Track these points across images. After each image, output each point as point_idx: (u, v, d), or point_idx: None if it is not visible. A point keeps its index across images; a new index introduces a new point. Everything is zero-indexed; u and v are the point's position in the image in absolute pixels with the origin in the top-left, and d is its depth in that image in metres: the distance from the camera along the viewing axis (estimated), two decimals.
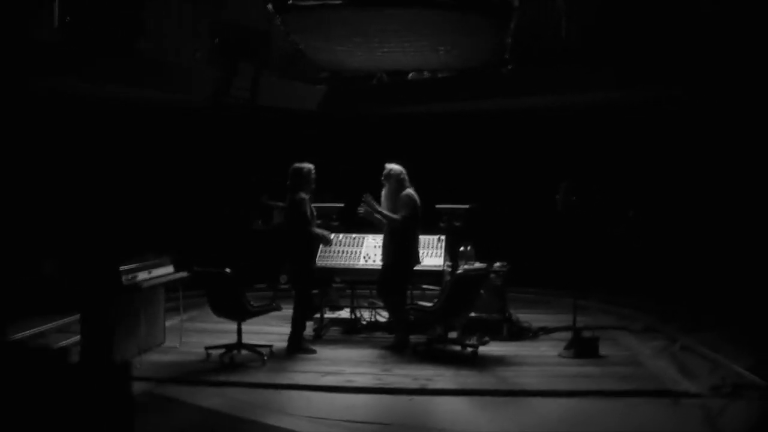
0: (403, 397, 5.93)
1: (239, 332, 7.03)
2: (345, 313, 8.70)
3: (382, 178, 7.58)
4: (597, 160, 10.73)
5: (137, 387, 5.87)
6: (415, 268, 7.59)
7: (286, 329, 7.42)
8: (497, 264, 8.18)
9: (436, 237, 8.26)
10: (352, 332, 8.30)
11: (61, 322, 7.76)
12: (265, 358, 6.88)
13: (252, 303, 7.14)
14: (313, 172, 7.39)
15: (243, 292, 6.94)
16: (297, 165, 7.34)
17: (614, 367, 6.68)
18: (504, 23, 7.72)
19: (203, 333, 7.98)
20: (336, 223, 8.65)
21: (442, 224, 8.33)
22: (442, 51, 8.77)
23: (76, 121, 9.93)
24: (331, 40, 8.32)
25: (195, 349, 7.24)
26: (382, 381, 6.26)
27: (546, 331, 8.18)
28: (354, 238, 8.38)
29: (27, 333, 7.32)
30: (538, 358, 7.08)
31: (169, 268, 7.40)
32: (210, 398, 5.80)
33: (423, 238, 8.12)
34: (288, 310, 7.48)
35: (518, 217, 10.76)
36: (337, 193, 8.75)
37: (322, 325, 8.35)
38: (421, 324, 7.51)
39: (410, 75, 11.54)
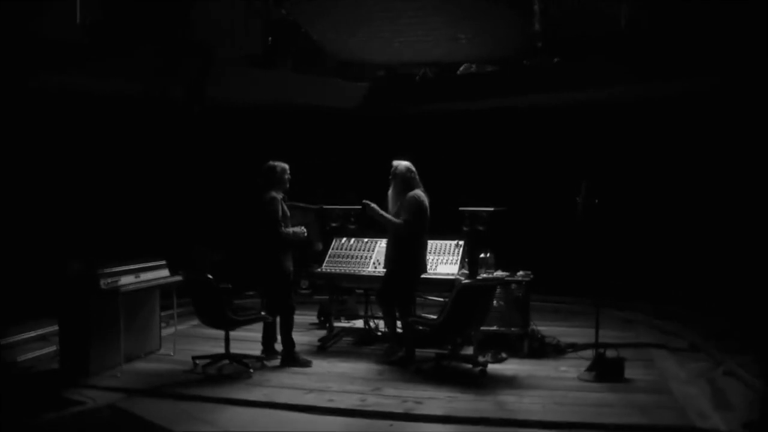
0: (384, 422, 5.31)
1: (227, 342, 6.58)
2: (361, 323, 8.15)
3: (389, 176, 6.95)
4: (623, 158, 9.93)
5: (105, 398, 5.60)
6: (426, 276, 6.97)
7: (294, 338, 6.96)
8: (520, 273, 7.41)
9: (453, 242, 7.59)
10: (363, 343, 7.74)
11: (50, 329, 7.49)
12: (251, 371, 6.38)
13: (236, 311, 6.66)
14: (288, 171, 6.93)
15: (226, 300, 6.44)
16: (271, 163, 6.90)
17: (637, 395, 5.83)
18: (525, 7, 6.93)
19: (207, 340, 7.53)
20: (353, 226, 8.13)
21: (465, 228, 7.65)
22: (464, 39, 8.05)
23: (91, 119, 9.73)
24: (339, 29, 7.74)
25: (189, 357, 6.81)
26: (366, 402, 5.65)
27: (575, 348, 7.35)
28: (365, 243, 7.82)
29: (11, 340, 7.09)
30: (553, 380, 6.30)
31: (163, 272, 7.02)
32: (169, 413, 5.36)
33: (439, 244, 7.53)
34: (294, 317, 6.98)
35: (540, 221, 9.92)
36: (370, 193, 8.17)
37: (331, 335, 7.82)
38: (425, 338, 6.83)
39: (460, 69, 10.90)
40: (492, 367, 6.67)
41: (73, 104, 9.23)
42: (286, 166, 6.96)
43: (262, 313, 6.72)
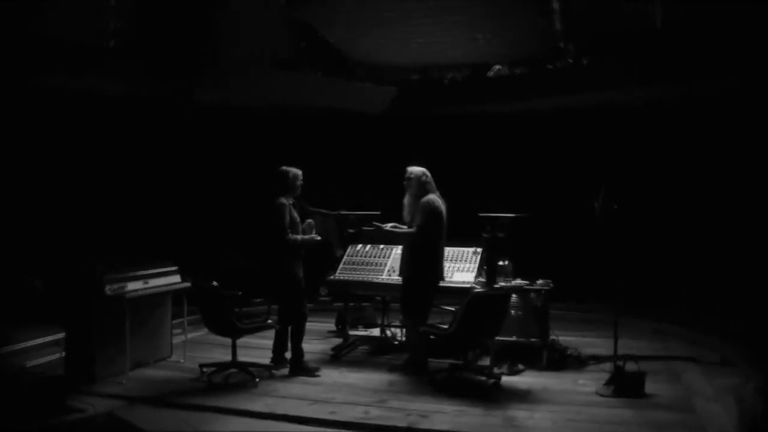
0: None
1: (233, 350, 6.47)
2: (378, 332, 7.96)
3: (404, 182, 6.75)
4: (645, 161, 9.58)
5: (106, 405, 5.53)
6: (442, 284, 6.75)
7: (309, 346, 6.98)
8: (540, 281, 7.12)
9: (471, 249, 7.35)
10: (379, 353, 7.54)
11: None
12: (257, 380, 6.24)
13: (244, 319, 6.53)
14: (300, 177, 6.77)
15: (232, 308, 6.31)
16: (283, 168, 6.75)
17: (656, 412, 5.50)
18: (544, 5, 6.65)
19: (220, 347, 7.34)
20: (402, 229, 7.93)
21: (485, 235, 7.39)
22: (482, 39, 7.79)
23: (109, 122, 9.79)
24: (352, 31, 7.57)
25: (198, 365, 6.68)
26: (369, 415, 5.45)
27: (597, 360, 7.02)
28: (381, 249, 7.64)
29: (22, 346, 7.10)
30: (569, 394, 6.00)
31: (174, 278, 6.94)
32: (166, 422, 5.28)
33: (456, 251, 7.32)
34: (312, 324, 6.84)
35: (562, 227, 9.58)
36: (396, 200, 8.03)
37: (345, 344, 7.64)
38: (437, 348, 6.60)
39: (491, 72, 10.65)
40: (507, 380, 6.41)
41: (92, 106, 9.28)
42: (299, 172, 6.81)
43: (269, 320, 6.57)
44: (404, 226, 6.64)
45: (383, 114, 11.01)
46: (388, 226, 6.70)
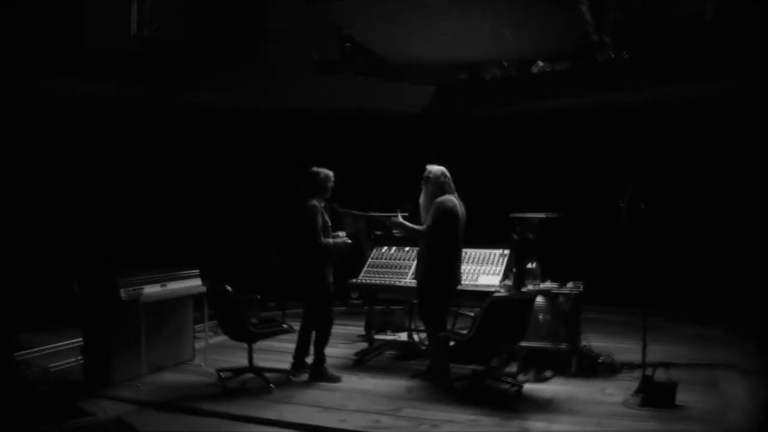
0: None
1: (250, 354, 6.38)
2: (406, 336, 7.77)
3: (422, 181, 6.54)
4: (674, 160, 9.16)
5: (117, 409, 5.51)
6: (465, 288, 6.55)
7: (336, 350, 6.96)
8: (569, 284, 6.81)
9: (498, 251, 7.10)
10: (405, 358, 7.35)
11: None
12: (272, 386, 6.14)
13: (261, 324, 6.45)
14: (331, 179, 6.59)
15: (246, 312, 6.21)
16: (314, 169, 6.58)
17: (684, 424, 5.15)
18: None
19: (243, 351, 7.15)
20: (398, 234, 7.76)
21: (515, 236, 7.14)
22: (509, 33, 7.51)
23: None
24: (376, 29, 7.41)
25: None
26: (379, 424, 5.28)
27: (631, 367, 6.66)
28: (406, 252, 7.44)
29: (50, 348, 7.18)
30: (594, 404, 5.68)
31: (194, 282, 6.90)
32: (171, 428, 5.23)
33: (481, 253, 7.12)
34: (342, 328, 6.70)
35: (593, 228, 9.18)
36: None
37: (370, 349, 7.48)
38: (456, 354, 6.37)
39: (535, 67, 10.36)
40: (532, 387, 6.13)
41: (122, 111, 9.39)
42: (330, 173, 6.64)
43: (284, 325, 6.45)
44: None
45: (422, 114, 10.83)
46: (399, 218, 6.48)
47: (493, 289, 6.60)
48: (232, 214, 10.33)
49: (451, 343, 6.19)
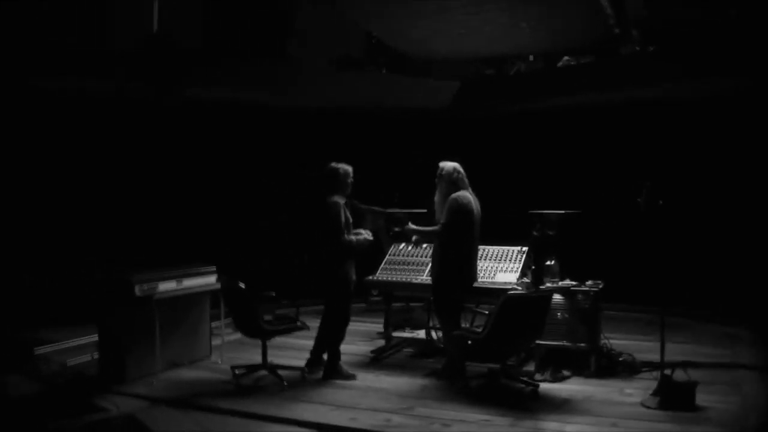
0: None
1: (264, 351, 6.36)
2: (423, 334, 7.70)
3: (435, 178, 6.46)
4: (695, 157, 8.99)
5: (129, 405, 5.53)
6: (482, 285, 6.47)
7: (354, 347, 6.96)
8: (589, 282, 6.68)
9: (516, 248, 6.99)
10: (422, 356, 7.29)
11: None
12: (285, 383, 6.11)
13: (275, 321, 6.43)
14: (351, 174, 6.51)
15: (257, 309, 6.18)
16: (333, 165, 6.51)
17: (703, 427, 5.00)
18: None
19: (272, 348, 7.21)
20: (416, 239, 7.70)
21: (535, 233, 7.03)
22: (526, 26, 7.37)
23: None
24: (392, 24, 7.32)
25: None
26: (390, 423, 5.22)
27: (652, 366, 6.50)
28: (423, 249, 7.36)
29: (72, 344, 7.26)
30: (611, 405, 5.55)
31: (210, 279, 6.90)
32: (181, 425, 5.22)
33: (500, 250, 7.04)
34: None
35: (613, 224, 8.99)
36: None
37: (388, 346, 7.43)
38: (470, 352, 6.26)
39: (561, 62, 10.20)
40: (549, 387, 6.02)
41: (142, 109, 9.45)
42: (350, 169, 6.56)
43: (298, 322, 6.42)
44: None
45: (445, 109, 10.73)
46: (411, 225, 6.44)
47: (510, 287, 6.49)
48: (250, 211, 10.34)
49: (468, 342, 6.09)
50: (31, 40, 7.89)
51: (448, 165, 6.34)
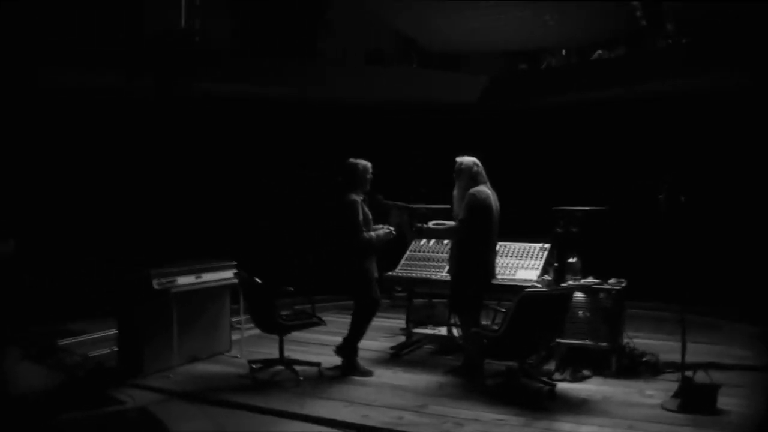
0: None
1: (281, 346, 6.36)
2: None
3: (453, 174, 6.37)
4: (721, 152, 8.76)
5: (144, 398, 5.58)
6: (502, 282, 6.38)
7: (376, 344, 6.97)
8: (612, 280, 6.53)
9: (538, 245, 6.88)
10: (443, 353, 7.22)
11: None
12: (301, 378, 6.11)
13: (292, 316, 6.43)
14: (370, 170, 6.45)
15: (274, 304, 6.18)
16: (351, 161, 6.45)
17: (722, 430, 4.85)
18: None
19: (286, 342, 7.24)
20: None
21: (558, 230, 6.91)
22: (550, 20, 7.22)
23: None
24: (417, 19, 7.24)
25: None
26: (402, 421, 5.17)
27: (676, 367, 6.31)
28: (444, 245, 7.28)
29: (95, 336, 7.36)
30: (629, 406, 5.42)
31: (228, 273, 6.91)
32: (192, 418, 5.24)
33: (521, 246, 6.95)
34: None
35: (637, 221, 8.78)
36: None
37: (408, 343, 7.38)
38: (487, 350, 6.17)
39: (595, 55, 10.05)
40: (568, 387, 5.92)
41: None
42: (368, 164, 6.51)
43: (314, 318, 6.40)
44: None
45: (475, 104, 10.63)
46: (431, 223, 6.37)
47: (530, 284, 6.38)
48: (275, 206, 10.39)
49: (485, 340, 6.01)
50: (63, 35, 8.06)
51: (467, 160, 6.25)
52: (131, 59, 8.37)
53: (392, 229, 6.59)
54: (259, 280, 6.07)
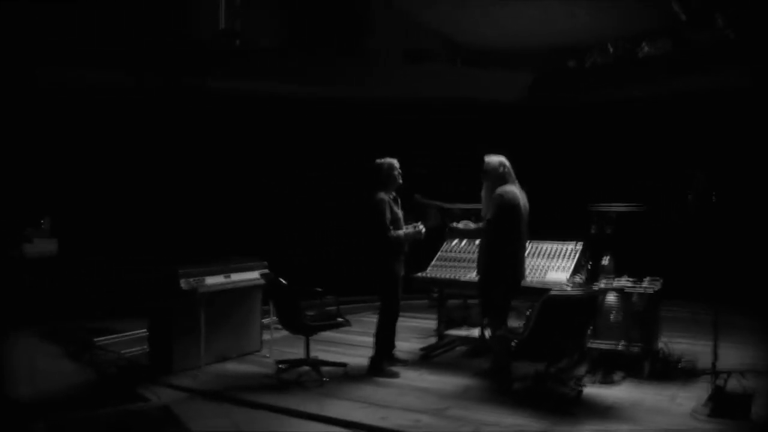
0: None
1: (306, 346, 6.35)
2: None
3: (481, 173, 6.26)
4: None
5: (169, 396, 5.67)
6: (532, 284, 6.25)
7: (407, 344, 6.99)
8: (646, 280, 6.32)
9: (570, 246, 6.71)
10: (475, 354, 7.09)
11: None
12: (325, 379, 6.09)
13: (314, 316, 6.43)
14: (396, 168, 6.42)
15: (299, 304, 6.18)
16: (377, 161, 6.47)
17: None
18: None
19: (316, 343, 7.13)
20: (474, 226, 7.52)
21: (593, 230, 6.73)
22: (583, 14, 7.01)
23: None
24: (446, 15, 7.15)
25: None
26: (418, 423, 5.10)
27: (714, 372, 6.04)
28: (476, 245, 7.13)
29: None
30: (658, 412, 5.22)
31: (257, 274, 6.95)
32: (212, 417, 5.27)
33: (552, 247, 6.81)
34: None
35: (665, 220, 8.45)
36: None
37: (439, 344, 7.29)
38: (513, 353, 6.02)
39: (641, 50, 9.77)
40: (597, 392, 5.74)
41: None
42: (395, 162, 6.50)
43: (339, 319, 6.38)
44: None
45: (518, 103, 10.47)
46: (461, 224, 6.28)
47: (560, 286, 6.22)
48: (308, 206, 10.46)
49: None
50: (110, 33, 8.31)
51: (493, 159, 6.13)
52: (173, 61, 8.57)
53: (422, 228, 6.53)
54: (284, 281, 6.08)
